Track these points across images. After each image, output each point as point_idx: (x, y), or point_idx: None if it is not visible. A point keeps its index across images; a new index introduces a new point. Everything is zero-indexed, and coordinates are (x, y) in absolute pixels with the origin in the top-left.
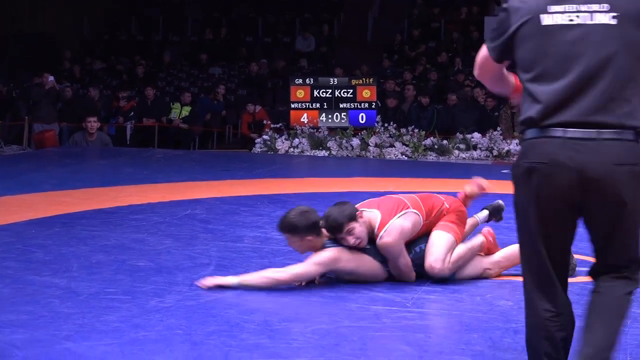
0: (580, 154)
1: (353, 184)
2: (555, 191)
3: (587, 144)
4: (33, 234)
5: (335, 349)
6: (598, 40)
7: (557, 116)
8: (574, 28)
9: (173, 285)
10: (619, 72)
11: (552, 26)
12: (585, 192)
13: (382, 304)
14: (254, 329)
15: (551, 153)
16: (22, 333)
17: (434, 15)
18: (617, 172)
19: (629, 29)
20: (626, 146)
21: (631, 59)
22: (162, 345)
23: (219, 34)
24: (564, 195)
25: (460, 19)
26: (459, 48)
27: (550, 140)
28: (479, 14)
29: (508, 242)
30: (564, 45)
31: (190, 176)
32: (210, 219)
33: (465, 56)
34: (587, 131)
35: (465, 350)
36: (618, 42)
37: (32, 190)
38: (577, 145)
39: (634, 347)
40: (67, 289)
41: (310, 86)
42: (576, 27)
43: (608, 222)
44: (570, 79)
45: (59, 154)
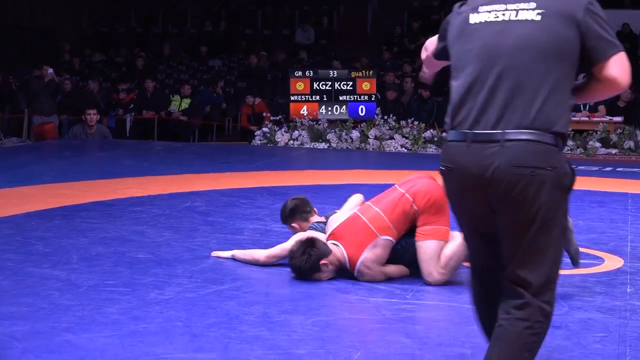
0: (485, 157)
1: (353, 176)
2: (467, 194)
3: (493, 146)
4: (33, 226)
5: (335, 340)
6: (519, 34)
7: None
8: (498, 24)
9: (173, 278)
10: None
11: (477, 24)
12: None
13: (382, 296)
14: (253, 321)
15: (457, 155)
16: (22, 325)
17: (433, 7)
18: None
19: (553, 25)
20: (536, 149)
21: (551, 56)
22: (161, 337)
23: (219, 26)
24: (475, 198)
25: None
26: None
27: (458, 144)
28: None
29: None
30: (486, 40)
31: (190, 168)
32: (210, 211)
33: None
34: (493, 132)
35: (465, 342)
36: (540, 39)
37: (31, 183)
38: (481, 147)
39: (633, 339)
40: (67, 281)
41: (309, 78)
42: (500, 23)
43: (512, 229)
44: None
45: (58, 146)
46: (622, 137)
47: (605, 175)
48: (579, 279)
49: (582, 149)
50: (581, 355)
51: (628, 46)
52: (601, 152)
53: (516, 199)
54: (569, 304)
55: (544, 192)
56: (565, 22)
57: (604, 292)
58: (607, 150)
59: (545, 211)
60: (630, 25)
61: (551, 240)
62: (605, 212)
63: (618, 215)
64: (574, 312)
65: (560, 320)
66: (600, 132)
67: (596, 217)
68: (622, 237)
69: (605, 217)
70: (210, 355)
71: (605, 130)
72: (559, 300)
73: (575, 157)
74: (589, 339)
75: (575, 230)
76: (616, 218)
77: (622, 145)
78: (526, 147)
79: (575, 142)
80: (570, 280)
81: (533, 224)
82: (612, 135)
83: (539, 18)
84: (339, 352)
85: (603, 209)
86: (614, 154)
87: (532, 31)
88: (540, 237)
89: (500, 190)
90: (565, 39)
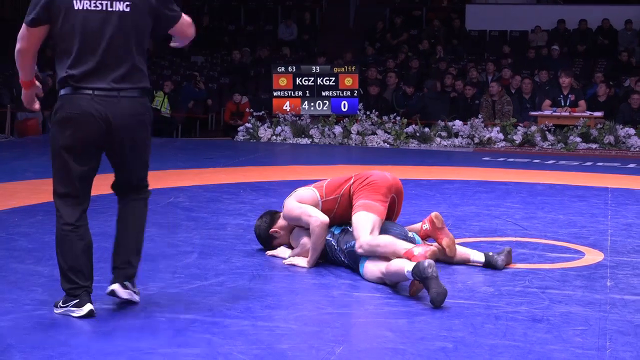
0: (105, 108)
1: (335, 171)
2: (88, 136)
3: (110, 100)
4: (16, 222)
5: (318, 335)
6: (115, 24)
7: (89, 80)
8: (99, 13)
9: (156, 273)
10: (130, 49)
11: (82, 11)
12: (109, 134)
13: (365, 291)
14: (236, 315)
15: (83, 106)
16: (6, 321)
17: (415, 3)
18: (130, 120)
19: (139, 16)
20: (137, 102)
21: (138, 40)
22: (145, 333)
23: (201, 22)
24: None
25: (442, 7)
26: (440, 36)
27: (82, 97)
28: (460, 2)
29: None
30: (92, 27)
31: (174, 164)
32: (193, 206)
33: (446, 44)
34: (110, 92)
35: (447, 336)
36: (130, 26)
37: (14, 179)
38: (102, 101)
39: (613, 332)
40: (51, 277)
41: (292, 74)
42: (100, 12)
43: (126, 154)
44: (99, 53)
45: (41, 142)
46: (602, 132)
47: (585, 169)
48: (559, 273)
49: (563, 144)
50: (562, 348)
51: (607, 41)
52: (582, 146)
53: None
54: (550, 298)
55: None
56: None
57: (584, 286)
58: (588, 145)
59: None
60: (610, 21)
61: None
62: (585, 207)
63: (598, 210)
64: (554, 305)
65: (542, 313)
66: (581, 127)
67: (576, 212)
68: (602, 231)
69: (586, 212)
70: (194, 350)
71: (585, 125)
72: (540, 294)
73: (556, 151)
74: (569, 332)
75: (555, 224)
76: (596, 212)
77: (602, 140)
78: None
79: (556, 137)
80: (551, 274)
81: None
82: (593, 130)
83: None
84: (321, 347)
85: (583, 203)
86: (594, 149)
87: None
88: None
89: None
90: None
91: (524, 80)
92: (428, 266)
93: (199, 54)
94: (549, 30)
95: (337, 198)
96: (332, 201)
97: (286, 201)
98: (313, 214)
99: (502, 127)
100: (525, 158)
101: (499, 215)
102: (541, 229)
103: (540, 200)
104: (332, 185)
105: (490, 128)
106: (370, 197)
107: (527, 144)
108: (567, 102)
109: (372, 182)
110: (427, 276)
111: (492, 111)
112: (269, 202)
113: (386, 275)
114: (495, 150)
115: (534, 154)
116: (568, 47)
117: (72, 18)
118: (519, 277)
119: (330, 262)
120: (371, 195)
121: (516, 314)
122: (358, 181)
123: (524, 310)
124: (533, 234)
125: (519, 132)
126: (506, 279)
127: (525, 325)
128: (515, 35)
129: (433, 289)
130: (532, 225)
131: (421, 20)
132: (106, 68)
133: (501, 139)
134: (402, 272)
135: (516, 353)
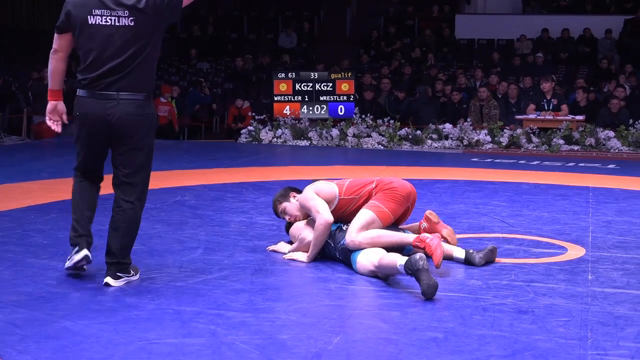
0: (107, 109)
1: (332, 171)
2: (95, 130)
3: (111, 103)
4: (32, 219)
5: (316, 326)
6: (121, 37)
7: (95, 84)
8: (109, 27)
9: (164, 267)
10: (133, 58)
11: (94, 25)
12: (110, 131)
13: (360, 284)
14: (239, 308)
15: (88, 106)
16: (22, 313)
17: (408, 13)
18: (127, 120)
19: (142, 29)
20: (135, 104)
21: (140, 49)
22: (153, 324)
23: (207, 30)
24: (98, 132)
25: (433, 17)
26: (431, 44)
27: (89, 98)
28: (450, 12)
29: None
30: (102, 39)
31: (180, 165)
32: (199, 205)
33: (437, 52)
34: (111, 95)
35: (438, 327)
36: (134, 38)
37: (30, 179)
38: (105, 102)
39: (594, 323)
40: (64, 271)
41: (292, 80)
42: (110, 26)
43: (124, 150)
44: (105, 61)
45: (56, 144)
46: (583, 135)
47: (568, 170)
48: (543, 267)
49: (547, 146)
50: (546, 338)
51: (589, 49)
52: (564, 148)
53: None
54: (535, 291)
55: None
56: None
57: (567, 280)
58: (570, 147)
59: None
60: (590, 30)
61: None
62: (568, 205)
63: (580, 208)
64: (539, 298)
65: (527, 305)
66: (564, 130)
67: (560, 210)
68: (583, 228)
69: (568, 210)
70: (199, 340)
71: (568, 128)
72: (525, 287)
73: (541, 153)
74: (553, 323)
75: (540, 221)
76: (578, 210)
77: (583, 142)
78: (134, 103)
79: (541, 139)
80: (536, 268)
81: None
82: (575, 133)
83: (132, 24)
84: (319, 337)
85: (566, 201)
86: (576, 151)
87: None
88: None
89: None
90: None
91: (510, 86)
92: (419, 259)
93: (204, 60)
94: (534, 39)
95: (355, 199)
96: (348, 200)
97: (306, 188)
98: (321, 211)
99: (489, 130)
100: (511, 159)
101: (486, 213)
102: (526, 225)
103: (526, 199)
104: (353, 185)
105: (479, 131)
106: (383, 201)
107: (513, 145)
108: (550, 107)
109: (392, 188)
110: (419, 268)
111: (480, 115)
112: (270, 200)
113: (379, 268)
114: (483, 152)
115: (520, 155)
116: (552, 55)
117: (87, 31)
118: (506, 271)
119: (327, 257)
120: (386, 200)
121: (503, 306)
122: (379, 185)
123: (510, 303)
124: (519, 231)
125: (505, 135)
126: (493, 273)
127: (512, 316)
128: (502, 43)
129: (424, 281)
130: (517, 222)
131: (413, 29)
132: (111, 74)
133: (489, 141)
134: (394, 266)
135: (503, 343)
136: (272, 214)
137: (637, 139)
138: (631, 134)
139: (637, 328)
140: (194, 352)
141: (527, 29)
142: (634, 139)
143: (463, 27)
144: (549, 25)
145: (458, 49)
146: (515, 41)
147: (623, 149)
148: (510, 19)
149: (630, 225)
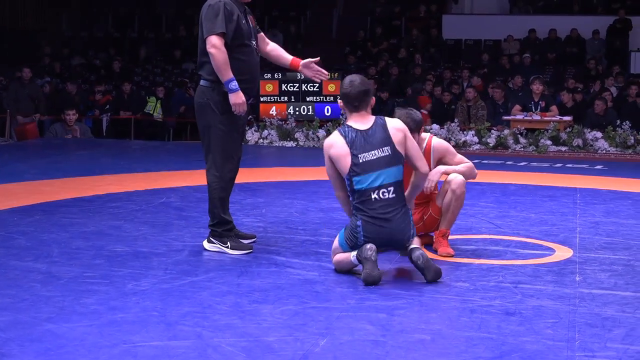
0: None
1: (319, 173)
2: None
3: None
4: (15, 221)
5: (303, 328)
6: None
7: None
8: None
9: (149, 270)
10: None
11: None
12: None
13: (347, 286)
14: (225, 310)
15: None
16: (5, 315)
17: (395, 13)
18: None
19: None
20: (200, 89)
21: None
22: (138, 326)
23: (192, 31)
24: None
25: (420, 17)
26: (418, 44)
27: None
28: (437, 12)
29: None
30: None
31: (166, 166)
32: (184, 206)
33: (424, 52)
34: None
35: (425, 329)
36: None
37: (14, 180)
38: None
39: (581, 324)
40: (48, 274)
41: (278, 80)
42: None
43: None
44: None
45: (40, 145)
46: (571, 136)
47: (555, 171)
48: (531, 269)
49: (534, 147)
50: (534, 340)
51: (576, 50)
52: (552, 149)
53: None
54: (522, 292)
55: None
56: None
57: (555, 281)
58: (558, 148)
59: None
60: (577, 30)
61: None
62: (555, 206)
63: (567, 209)
64: (526, 299)
65: (514, 307)
66: (551, 130)
67: (547, 211)
68: (571, 229)
69: (556, 211)
70: (185, 343)
71: (555, 129)
72: (512, 288)
73: (528, 154)
74: (541, 324)
75: (527, 222)
76: (566, 211)
77: (571, 143)
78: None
79: (528, 140)
80: (524, 269)
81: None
82: (562, 134)
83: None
84: (306, 339)
85: (554, 202)
86: (564, 151)
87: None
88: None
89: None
90: None
91: (495, 90)
92: (369, 249)
93: (189, 61)
94: (521, 39)
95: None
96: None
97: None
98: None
99: (477, 131)
100: (498, 160)
101: (474, 214)
102: (514, 227)
103: (513, 200)
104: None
105: (466, 132)
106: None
107: (501, 146)
108: (538, 109)
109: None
110: (366, 257)
111: (467, 115)
112: (256, 201)
113: (337, 267)
114: (470, 153)
115: (507, 156)
116: (539, 55)
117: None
118: (493, 273)
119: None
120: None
121: (490, 307)
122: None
123: (498, 304)
124: (506, 232)
125: (492, 136)
126: (481, 275)
127: (499, 318)
128: (489, 43)
129: (367, 270)
130: (505, 224)
131: (400, 29)
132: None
133: (476, 142)
134: (348, 259)
135: (490, 344)
136: (258, 215)
137: (625, 140)
138: (618, 135)
139: (625, 329)
140: (180, 354)
141: (515, 29)
142: (621, 140)
143: (450, 28)
144: (537, 26)
145: (445, 50)
146: (503, 41)
147: (610, 150)
148: (498, 19)
149: (618, 226)
